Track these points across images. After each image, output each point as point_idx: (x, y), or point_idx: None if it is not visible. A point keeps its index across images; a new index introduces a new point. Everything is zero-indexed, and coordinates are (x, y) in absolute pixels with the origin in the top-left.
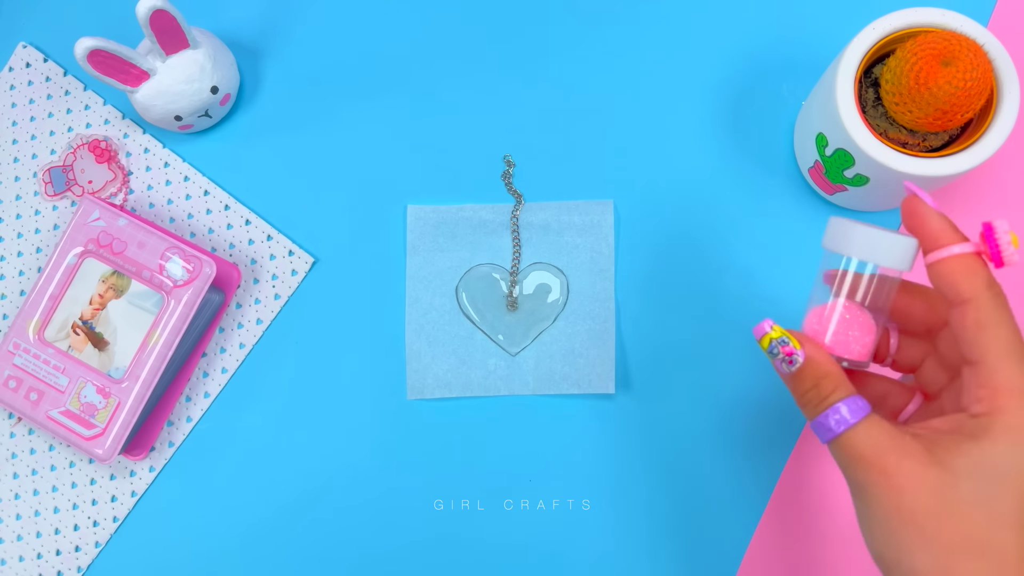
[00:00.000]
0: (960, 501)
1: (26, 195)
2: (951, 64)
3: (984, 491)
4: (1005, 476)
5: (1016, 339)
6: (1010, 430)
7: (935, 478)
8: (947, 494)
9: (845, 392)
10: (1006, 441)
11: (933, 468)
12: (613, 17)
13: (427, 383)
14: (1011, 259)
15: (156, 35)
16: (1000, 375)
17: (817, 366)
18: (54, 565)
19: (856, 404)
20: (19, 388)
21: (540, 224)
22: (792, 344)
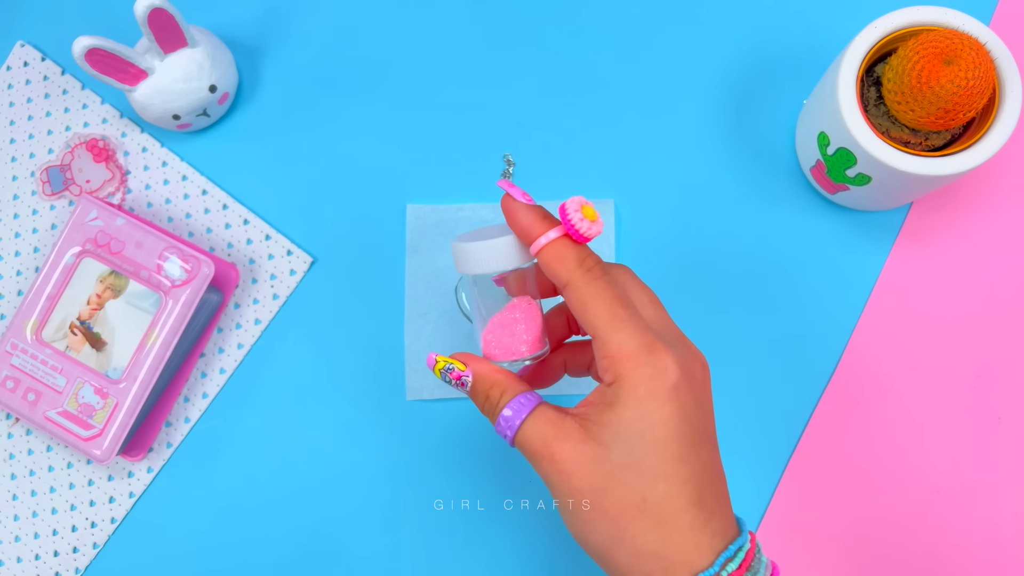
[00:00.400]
0: (615, 468)
1: (24, 194)
2: (953, 63)
3: (630, 453)
4: (641, 435)
5: (616, 306)
6: (635, 389)
7: (591, 453)
8: (603, 465)
9: (512, 394)
10: (633, 403)
11: (589, 444)
12: (614, 16)
13: (427, 384)
14: (589, 232)
15: (154, 34)
16: (612, 344)
17: (483, 379)
18: (52, 566)
19: (519, 402)
20: (17, 388)
21: None
22: (457, 368)
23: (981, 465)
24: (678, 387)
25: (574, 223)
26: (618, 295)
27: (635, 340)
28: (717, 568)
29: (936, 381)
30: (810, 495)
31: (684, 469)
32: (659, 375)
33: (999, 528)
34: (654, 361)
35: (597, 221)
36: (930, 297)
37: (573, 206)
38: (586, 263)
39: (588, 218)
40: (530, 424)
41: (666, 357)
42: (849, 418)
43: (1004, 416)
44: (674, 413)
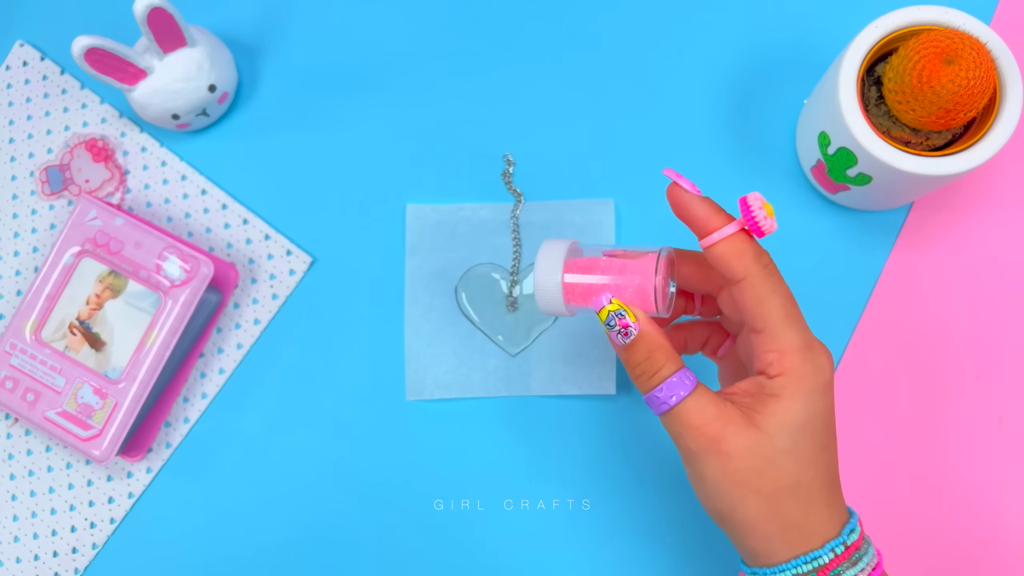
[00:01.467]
0: (775, 455)
1: (23, 194)
2: (954, 62)
3: (790, 441)
4: (804, 426)
5: (788, 303)
6: (801, 384)
7: (754, 439)
8: (764, 451)
9: (675, 366)
10: (801, 394)
11: (751, 430)
12: (614, 16)
13: (426, 384)
14: (769, 228)
15: (154, 33)
16: (783, 339)
17: (651, 339)
18: (51, 567)
19: (686, 378)
20: (16, 389)
21: (540, 223)
22: (628, 317)
23: (981, 465)
24: (830, 384)
25: (757, 219)
26: (790, 293)
27: (802, 338)
28: (844, 536)
29: (937, 381)
30: None
31: (826, 456)
32: (820, 372)
33: (999, 528)
34: (815, 359)
35: (774, 218)
36: (931, 297)
37: (756, 202)
38: (763, 259)
39: (769, 214)
40: (694, 401)
41: (823, 356)
42: (849, 418)
43: (1005, 416)
44: (827, 407)
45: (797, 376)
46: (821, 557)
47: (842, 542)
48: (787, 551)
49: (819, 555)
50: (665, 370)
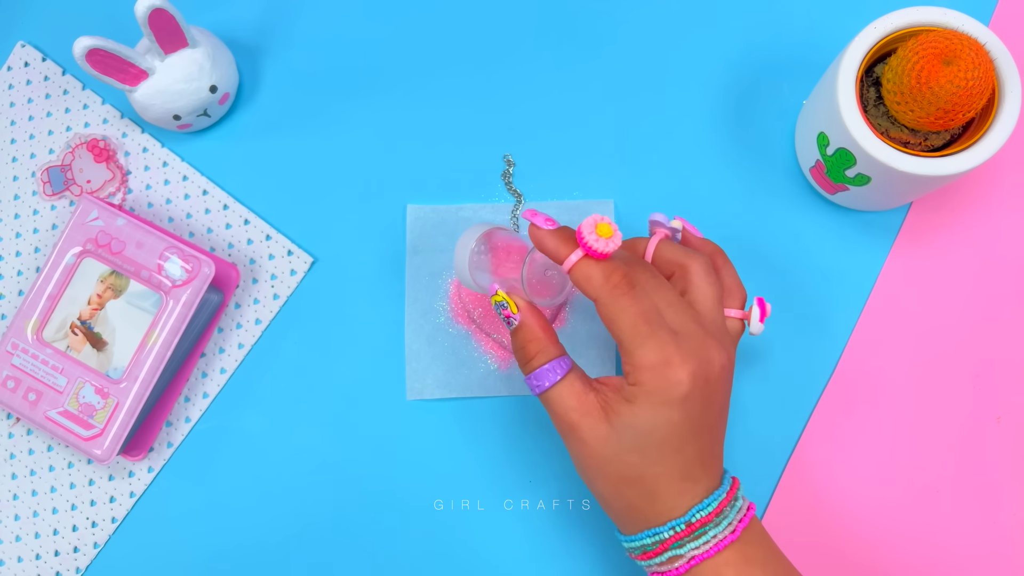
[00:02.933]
0: (621, 451)
1: (24, 195)
2: (952, 63)
3: (637, 442)
4: (649, 432)
5: (638, 321)
6: (650, 396)
7: (604, 433)
8: (613, 444)
9: (547, 357)
10: (648, 407)
11: (604, 424)
12: (613, 17)
13: (426, 383)
14: (605, 250)
15: (155, 34)
16: (634, 355)
17: (527, 330)
18: (52, 566)
19: (558, 367)
20: (17, 388)
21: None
22: (510, 308)
23: (981, 465)
24: (688, 396)
25: (590, 244)
26: (641, 310)
27: (654, 355)
28: (687, 517)
29: (936, 381)
30: (810, 495)
31: (679, 457)
32: (672, 387)
33: (999, 528)
34: (669, 375)
35: (614, 236)
36: (930, 297)
37: (587, 228)
38: (611, 279)
39: (603, 235)
40: (558, 391)
41: (680, 372)
42: (849, 418)
43: (1004, 416)
44: (680, 417)
45: (647, 390)
46: (661, 533)
47: (684, 521)
48: (635, 527)
49: (659, 531)
50: (536, 360)
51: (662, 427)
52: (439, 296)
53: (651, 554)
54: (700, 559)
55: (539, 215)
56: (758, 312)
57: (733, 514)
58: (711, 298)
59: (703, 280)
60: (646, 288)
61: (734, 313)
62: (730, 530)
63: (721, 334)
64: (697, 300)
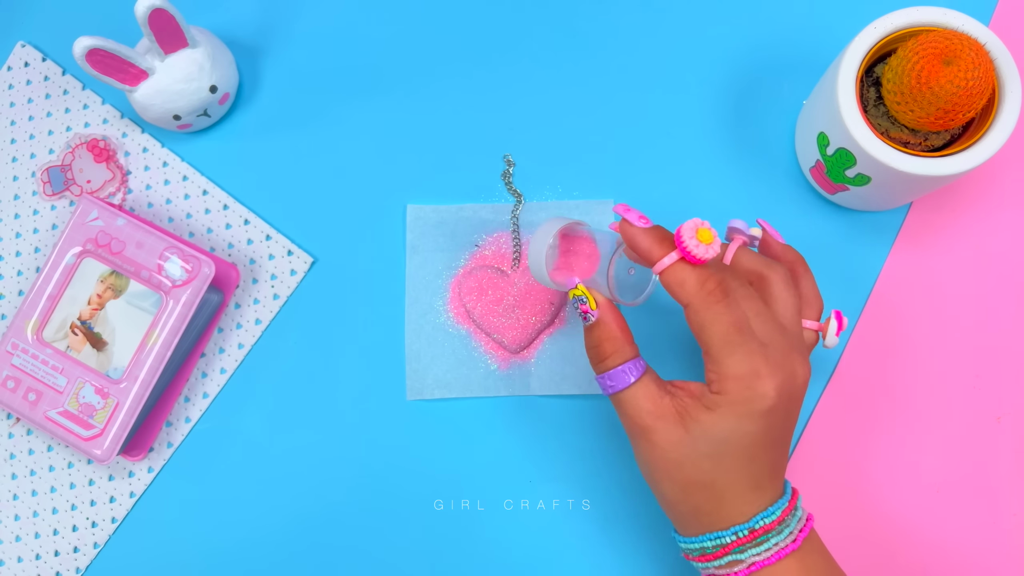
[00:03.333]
0: (695, 455)
1: (24, 195)
2: (953, 63)
3: (712, 448)
4: (727, 440)
5: (731, 331)
6: (734, 407)
7: (678, 437)
8: (686, 449)
9: (622, 357)
10: (731, 415)
11: (678, 429)
12: (613, 17)
13: (427, 383)
14: (703, 254)
15: (155, 34)
16: (722, 364)
17: (604, 328)
18: (52, 566)
19: (630, 369)
20: (17, 388)
21: (540, 223)
22: (589, 304)
23: (981, 465)
24: (772, 410)
25: (689, 248)
26: (734, 319)
27: (743, 366)
28: (751, 523)
29: (936, 381)
30: (810, 495)
31: (752, 466)
32: (758, 400)
33: (999, 528)
34: (756, 386)
35: (714, 243)
36: (929, 297)
37: (688, 232)
38: (706, 286)
39: (703, 241)
40: (632, 391)
41: (767, 384)
42: (849, 418)
43: (1004, 416)
44: (760, 430)
45: (731, 400)
46: (724, 538)
47: (748, 527)
48: (697, 529)
49: (722, 536)
50: (611, 360)
51: (741, 437)
52: (439, 296)
53: (710, 557)
54: (760, 566)
55: (632, 211)
56: (835, 325)
57: (794, 523)
58: (792, 309)
59: (784, 291)
60: (737, 297)
61: (811, 325)
62: (791, 539)
63: (802, 347)
64: (779, 312)
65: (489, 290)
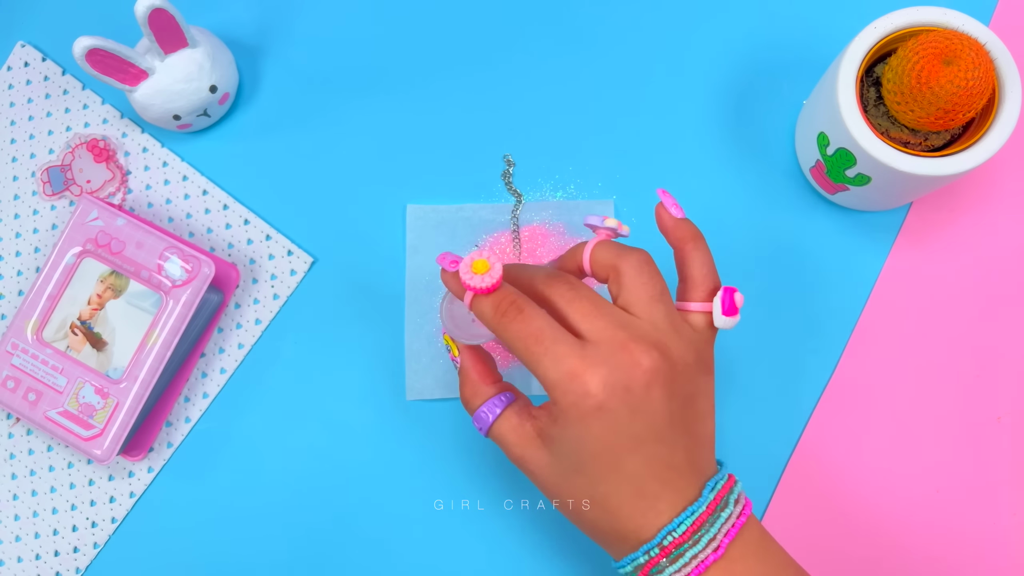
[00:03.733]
0: (566, 473)
1: (24, 195)
2: (953, 63)
3: (573, 463)
4: (578, 450)
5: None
6: (564, 413)
7: (547, 459)
8: (556, 468)
9: (480, 399)
10: (566, 424)
11: (543, 451)
12: (613, 17)
13: (427, 384)
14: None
15: (155, 34)
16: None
17: (463, 373)
18: (52, 566)
19: (494, 406)
20: (17, 388)
21: (540, 223)
22: (452, 352)
23: (981, 465)
24: (604, 406)
25: (467, 282)
26: (532, 331)
27: (554, 371)
28: (659, 539)
29: (936, 381)
30: (810, 495)
31: (619, 474)
32: (581, 400)
33: (999, 528)
34: (576, 388)
35: (491, 269)
36: (930, 297)
37: (464, 268)
38: (500, 308)
39: (478, 272)
40: (497, 429)
41: (590, 381)
42: (849, 418)
43: (1004, 416)
44: (602, 429)
45: (561, 407)
46: (638, 559)
47: (657, 543)
48: (619, 551)
49: (635, 557)
50: (472, 403)
51: (588, 442)
52: (439, 296)
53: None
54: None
55: (447, 258)
56: (719, 305)
57: (716, 528)
58: (645, 298)
59: (635, 280)
60: (534, 310)
61: (694, 307)
62: (712, 548)
63: (659, 333)
64: (630, 302)
65: None
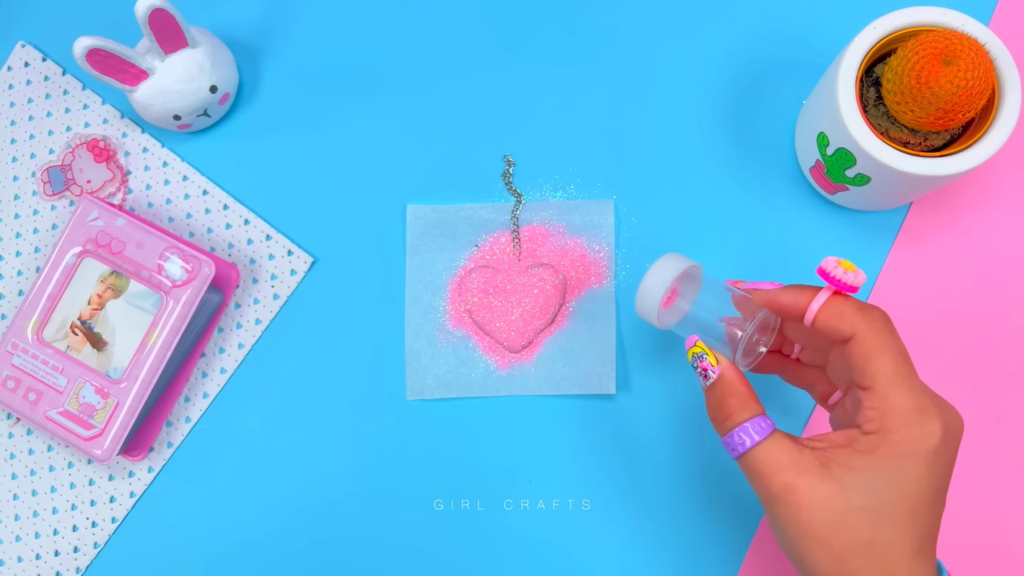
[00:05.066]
0: (850, 510)
1: (24, 195)
2: (952, 63)
3: (871, 499)
4: (889, 488)
5: (900, 363)
6: (897, 447)
7: (828, 491)
8: (838, 505)
9: (749, 413)
10: (893, 456)
11: (827, 482)
12: (613, 17)
13: (427, 383)
14: (855, 281)
15: (155, 34)
16: (889, 399)
17: (727, 384)
18: (53, 566)
19: (758, 425)
20: (17, 388)
21: (540, 223)
22: (709, 360)
23: (981, 465)
24: (938, 451)
25: (839, 277)
26: (902, 349)
27: (911, 400)
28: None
29: (935, 381)
30: None
31: (915, 521)
32: (925, 438)
33: (999, 528)
34: (924, 424)
35: (858, 270)
36: (929, 297)
37: (831, 264)
38: (870, 314)
39: (849, 269)
40: (765, 449)
41: (935, 422)
42: None
43: (1004, 416)
44: (926, 474)
45: (895, 438)
46: None
47: None
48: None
49: None
50: (737, 416)
51: (903, 483)
52: (439, 296)
53: None
54: None
55: (761, 284)
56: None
57: None
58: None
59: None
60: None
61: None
62: None
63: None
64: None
65: (489, 290)
